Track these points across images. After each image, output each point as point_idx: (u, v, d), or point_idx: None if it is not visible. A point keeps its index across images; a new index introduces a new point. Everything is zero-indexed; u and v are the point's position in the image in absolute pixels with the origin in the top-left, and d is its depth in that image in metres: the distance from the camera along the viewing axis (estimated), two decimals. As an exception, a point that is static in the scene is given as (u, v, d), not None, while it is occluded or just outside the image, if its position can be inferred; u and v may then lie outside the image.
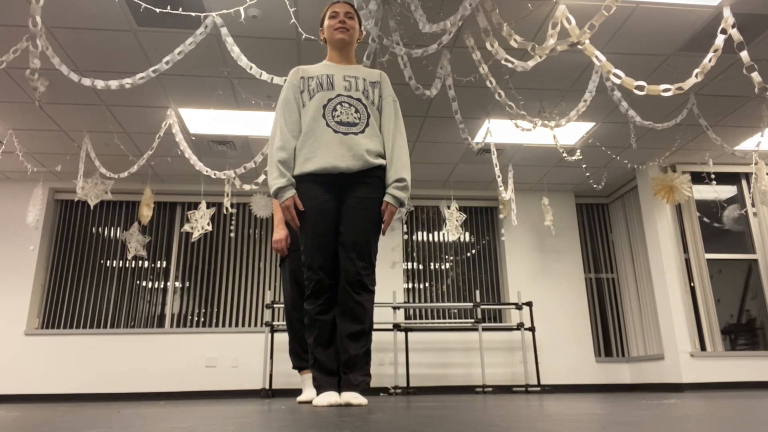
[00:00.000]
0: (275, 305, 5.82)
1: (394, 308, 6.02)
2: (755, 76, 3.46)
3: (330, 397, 2.08)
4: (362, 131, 2.28)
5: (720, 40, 3.48)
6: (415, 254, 6.93)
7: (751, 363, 5.75)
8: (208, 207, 6.35)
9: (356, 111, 2.30)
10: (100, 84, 3.60)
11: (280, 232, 3.17)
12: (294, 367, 3.23)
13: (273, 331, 5.64)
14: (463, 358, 6.39)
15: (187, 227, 5.69)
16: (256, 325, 6.41)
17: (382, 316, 6.29)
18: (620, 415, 1.31)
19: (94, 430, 1.08)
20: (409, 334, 6.24)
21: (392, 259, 6.70)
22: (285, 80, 3.53)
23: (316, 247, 2.20)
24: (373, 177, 2.28)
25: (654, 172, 6.31)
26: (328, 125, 2.25)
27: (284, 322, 5.84)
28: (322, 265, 2.20)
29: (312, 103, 2.29)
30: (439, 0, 3.72)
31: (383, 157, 2.33)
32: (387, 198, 2.28)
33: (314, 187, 2.24)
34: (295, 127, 2.30)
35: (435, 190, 7.03)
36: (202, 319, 6.45)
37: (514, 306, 6.22)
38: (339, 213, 2.26)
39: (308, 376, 3.12)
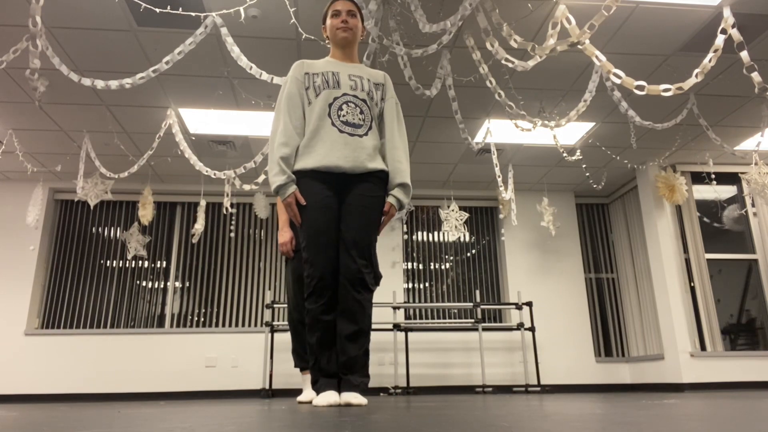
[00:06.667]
0: (275, 305, 5.82)
1: (394, 308, 6.02)
2: (755, 76, 3.46)
3: (330, 397, 2.07)
4: (366, 133, 2.28)
5: (720, 40, 3.48)
6: (415, 254, 6.93)
7: (751, 363, 5.75)
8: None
9: (361, 112, 2.29)
10: (100, 84, 3.60)
11: (285, 235, 3.16)
12: (296, 366, 3.24)
13: (273, 331, 5.64)
14: (463, 358, 6.39)
15: (195, 229, 5.67)
16: (256, 325, 6.41)
17: (382, 316, 6.29)
18: (620, 415, 1.31)
19: (94, 430, 1.07)
20: (409, 334, 6.24)
21: (392, 259, 6.70)
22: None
23: (316, 244, 2.19)
24: (374, 176, 2.28)
25: (654, 172, 6.31)
26: (333, 124, 2.24)
27: (284, 322, 5.84)
28: (322, 263, 2.18)
29: (318, 101, 2.27)
30: (439, 0, 3.72)
31: (385, 158, 2.34)
32: (390, 200, 2.31)
33: (315, 183, 2.22)
34: (300, 124, 2.27)
35: (435, 190, 7.02)
36: (202, 319, 6.45)
37: (514, 306, 6.22)
38: (340, 210, 2.25)
39: (309, 377, 3.11)
